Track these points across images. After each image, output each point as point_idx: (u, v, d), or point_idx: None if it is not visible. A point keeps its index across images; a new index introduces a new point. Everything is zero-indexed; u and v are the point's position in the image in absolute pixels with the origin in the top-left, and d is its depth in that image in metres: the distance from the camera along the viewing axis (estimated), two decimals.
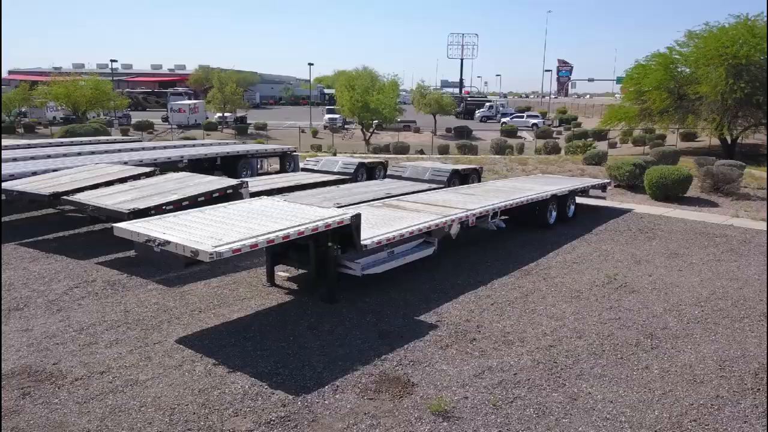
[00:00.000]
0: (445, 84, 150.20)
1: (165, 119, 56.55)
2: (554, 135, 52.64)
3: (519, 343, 7.17)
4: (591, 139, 43.72)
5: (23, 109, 52.38)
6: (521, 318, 7.95)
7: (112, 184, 11.14)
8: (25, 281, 8.97)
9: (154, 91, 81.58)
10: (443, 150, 33.90)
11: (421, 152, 34.05)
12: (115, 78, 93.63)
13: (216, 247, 6.32)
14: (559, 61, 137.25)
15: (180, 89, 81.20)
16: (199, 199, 10.18)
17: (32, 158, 15.03)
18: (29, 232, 11.88)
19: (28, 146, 18.70)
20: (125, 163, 14.30)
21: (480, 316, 7.96)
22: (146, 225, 7.23)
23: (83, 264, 9.87)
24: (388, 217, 9.94)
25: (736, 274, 10.19)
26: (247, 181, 11.15)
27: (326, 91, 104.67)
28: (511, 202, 11.88)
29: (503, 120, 64.75)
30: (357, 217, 7.96)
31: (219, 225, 7.33)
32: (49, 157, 15.45)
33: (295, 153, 21.16)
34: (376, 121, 43.08)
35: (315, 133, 50.36)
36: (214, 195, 10.40)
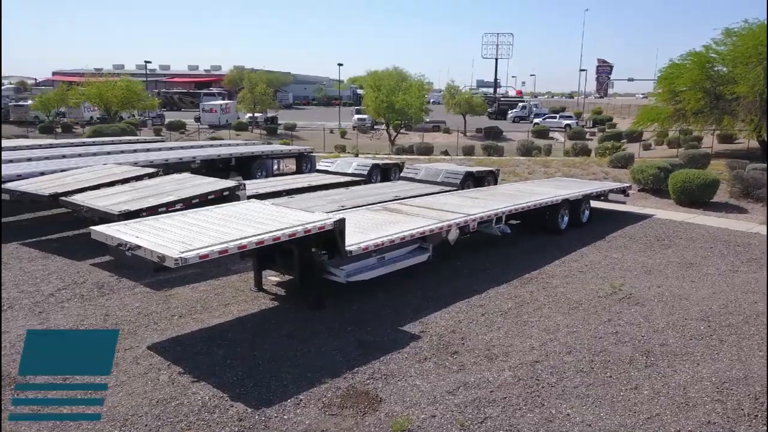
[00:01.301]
0: (481, 84, 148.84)
1: (197, 119, 57.33)
2: (587, 136, 51.41)
3: (503, 357, 6.81)
4: (624, 141, 42.52)
5: (62, 109, 53.73)
6: (510, 330, 7.58)
7: (114, 185, 11.16)
8: (16, 282, 9.00)
9: (189, 92, 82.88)
10: (468, 151, 33.39)
11: (446, 153, 33.61)
12: (152, 79, 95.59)
13: (183, 252, 6.16)
14: (598, 60, 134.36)
15: (214, 90, 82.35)
16: (194, 201, 10.09)
17: (47, 158, 15.25)
18: (37, 232, 12.00)
19: (50, 146, 19.06)
20: (135, 163, 14.39)
21: (467, 327, 7.62)
22: (122, 229, 7.13)
23: (78, 265, 9.89)
24: (384, 221, 9.66)
25: (754, 286, 9.56)
26: (244, 183, 11.04)
27: (359, 91, 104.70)
28: (516, 206, 11.46)
29: (535, 121, 63.60)
30: (341, 222, 7.71)
31: (196, 229, 7.17)
32: (64, 157, 15.67)
33: (312, 154, 21.05)
34: (402, 122, 42.69)
35: (343, 134, 50.28)
36: (209, 197, 10.29)
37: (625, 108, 74.49)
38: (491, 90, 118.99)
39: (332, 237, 7.72)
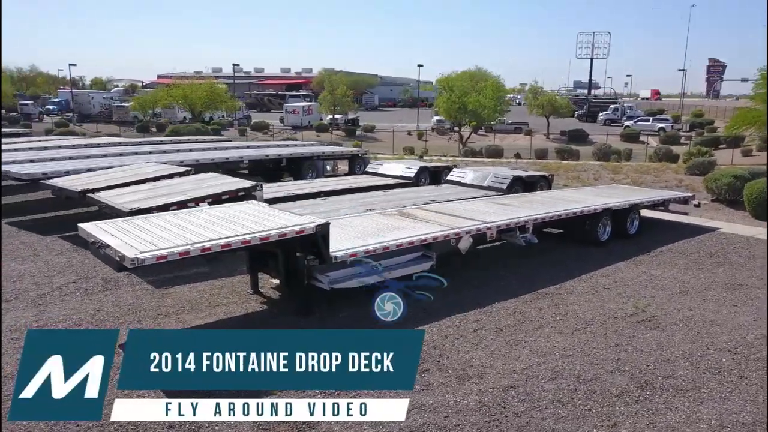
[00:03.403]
0: (578, 85, 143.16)
1: (282, 120, 59.14)
2: (682, 141, 48.05)
3: (476, 379, 6.26)
4: (723, 146, 39.26)
5: (158, 110, 57.22)
6: (498, 350, 6.98)
7: (141, 183, 11.51)
8: (34, 273, 9.45)
9: (278, 93, 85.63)
10: (540, 154, 32.09)
11: (518, 156, 32.47)
12: (246, 81, 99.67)
13: (141, 253, 6.14)
14: (710, 60, 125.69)
15: (302, 91, 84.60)
16: (207, 201, 10.18)
17: (104, 156, 16.10)
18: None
19: (119, 144, 20.18)
20: (181, 162, 14.84)
21: (451, 344, 7.11)
22: (104, 227, 7.26)
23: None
24: (390, 226, 9.29)
25: None
26: (261, 184, 11.04)
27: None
28: (544, 215, 10.69)
29: (626, 123, 60.15)
30: (323, 227, 7.44)
31: (177, 230, 7.15)
32: (121, 155, 16.47)
33: (365, 155, 20.93)
34: (481, 123, 41.78)
35: (420, 135, 49.96)
36: (223, 197, 10.35)
37: (729, 110, 68.91)
38: (596, 91, 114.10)
39: (316, 242, 7.47)
